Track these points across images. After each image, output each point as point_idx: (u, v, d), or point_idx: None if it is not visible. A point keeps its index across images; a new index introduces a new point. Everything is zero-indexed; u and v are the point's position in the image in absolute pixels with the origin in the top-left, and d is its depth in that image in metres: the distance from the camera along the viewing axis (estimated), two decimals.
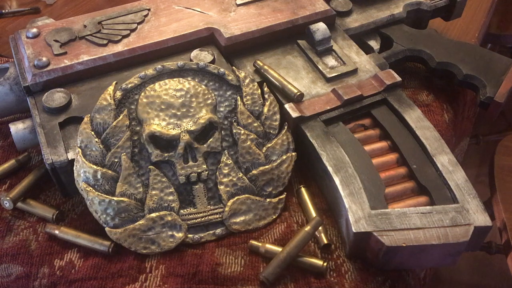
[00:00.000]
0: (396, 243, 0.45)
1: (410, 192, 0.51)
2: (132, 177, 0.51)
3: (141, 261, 0.50)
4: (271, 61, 0.61)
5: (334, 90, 0.57)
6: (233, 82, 0.57)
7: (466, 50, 0.66)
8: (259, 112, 0.56)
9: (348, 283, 0.49)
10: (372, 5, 0.70)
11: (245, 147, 0.54)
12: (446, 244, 0.46)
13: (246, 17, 0.63)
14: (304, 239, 0.49)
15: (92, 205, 0.50)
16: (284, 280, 0.49)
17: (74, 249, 0.51)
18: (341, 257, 0.50)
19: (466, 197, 0.49)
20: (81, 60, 0.57)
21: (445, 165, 0.51)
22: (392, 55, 0.66)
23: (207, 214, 0.52)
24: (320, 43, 0.62)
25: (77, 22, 0.62)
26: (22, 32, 0.60)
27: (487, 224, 0.47)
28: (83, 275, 0.49)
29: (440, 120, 0.65)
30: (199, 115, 0.54)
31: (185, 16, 0.63)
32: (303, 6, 0.65)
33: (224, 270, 0.50)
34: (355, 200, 0.48)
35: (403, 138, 0.54)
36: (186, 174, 0.52)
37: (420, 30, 0.69)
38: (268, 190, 0.54)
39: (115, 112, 0.53)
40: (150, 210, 0.51)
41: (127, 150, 0.52)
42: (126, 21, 0.62)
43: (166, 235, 0.51)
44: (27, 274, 0.50)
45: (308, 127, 0.54)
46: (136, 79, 0.55)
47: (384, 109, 0.57)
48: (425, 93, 0.68)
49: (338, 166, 0.51)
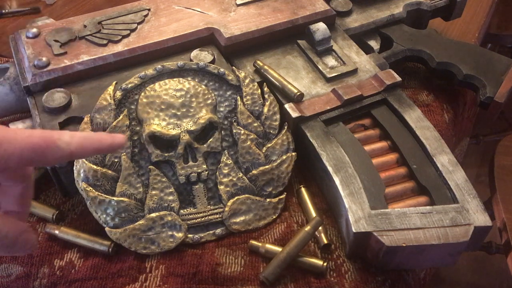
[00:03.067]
0: (396, 243, 0.45)
1: (410, 192, 0.51)
2: (132, 177, 0.51)
3: (141, 261, 0.50)
4: (271, 61, 0.61)
5: (334, 90, 0.57)
6: (233, 82, 0.57)
7: (466, 50, 0.66)
8: (259, 112, 0.56)
9: (348, 283, 0.49)
10: (372, 5, 0.70)
11: (245, 147, 0.54)
12: (446, 244, 0.46)
13: (246, 17, 0.63)
14: (304, 239, 0.49)
15: (92, 205, 0.50)
16: (284, 280, 0.49)
17: (74, 249, 0.51)
18: (341, 257, 0.50)
19: (466, 197, 0.49)
20: (81, 60, 0.57)
21: (445, 165, 0.51)
22: (392, 55, 0.66)
23: (207, 214, 0.52)
24: (320, 43, 0.62)
25: (77, 22, 0.62)
26: (22, 32, 0.60)
27: (487, 224, 0.47)
28: (83, 275, 0.49)
29: (440, 120, 0.65)
30: (199, 115, 0.54)
31: (185, 16, 0.63)
32: (303, 6, 0.65)
33: (224, 270, 0.50)
34: (355, 200, 0.48)
35: (403, 138, 0.54)
36: (186, 174, 0.52)
37: (420, 30, 0.69)
38: (268, 190, 0.54)
39: (115, 112, 0.53)
40: (150, 210, 0.51)
41: (127, 150, 0.52)
42: (126, 21, 0.62)
43: (166, 235, 0.51)
44: (27, 274, 0.50)
45: (308, 127, 0.54)
46: (136, 79, 0.55)
47: (384, 109, 0.57)
48: (425, 93, 0.68)
49: (338, 166, 0.51)
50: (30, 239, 0.34)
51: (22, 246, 0.34)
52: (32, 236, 0.34)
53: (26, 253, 0.37)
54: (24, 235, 0.34)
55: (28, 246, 0.34)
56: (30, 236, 0.34)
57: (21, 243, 0.33)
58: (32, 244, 0.34)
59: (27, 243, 0.34)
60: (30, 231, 0.34)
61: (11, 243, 0.33)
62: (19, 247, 0.33)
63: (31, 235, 0.34)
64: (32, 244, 0.34)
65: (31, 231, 0.35)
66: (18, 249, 0.34)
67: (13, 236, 0.33)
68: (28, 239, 0.34)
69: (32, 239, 0.34)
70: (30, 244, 0.34)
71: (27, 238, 0.34)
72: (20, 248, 0.34)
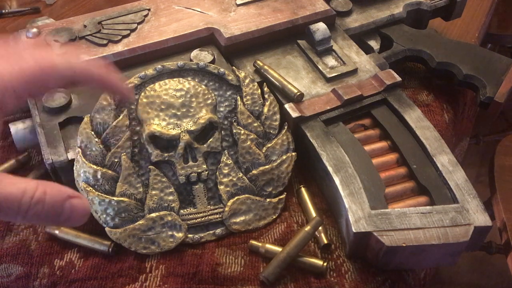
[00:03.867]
0: (396, 243, 0.45)
1: (410, 192, 0.51)
2: (132, 177, 0.51)
3: (141, 261, 0.50)
4: (271, 61, 0.61)
5: (334, 90, 0.57)
6: (233, 82, 0.57)
7: (466, 50, 0.66)
8: (259, 112, 0.56)
9: (348, 283, 0.49)
10: (372, 5, 0.70)
11: (245, 147, 0.54)
12: (446, 244, 0.46)
13: (246, 17, 0.63)
14: (304, 239, 0.49)
15: (92, 205, 0.50)
16: (284, 280, 0.49)
17: (74, 249, 0.51)
18: (341, 257, 0.50)
19: (466, 197, 0.49)
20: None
21: (445, 165, 0.51)
22: (392, 55, 0.66)
23: (207, 214, 0.52)
24: (320, 43, 0.62)
25: (77, 22, 0.62)
26: (22, 32, 0.60)
27: (487, 224, 0.47)
28: (83, 275, 0.49)
29: (440, 120, 0.65)
30: (199, 115, 0.54)
31: (185, 16, 0.63)
32: (303, 6, 0.65)
33: (224, 270, 0.50)
34: (355, 200, 0.48)
35: (403, 138, 0.54)
36: (186, 174, 0.52)
37: (420, 30, 0.69)
38: (268, 190, 0.54)
39: (115, 112, 0.53)
40: (150, 210, 0.51)
41: (127, 150, 0.52)
42: (126, 21, 0.62)
43: (166, 235, 0.51)
44: (27, 274, 0.50)
45: (308, 127, 0.54)
46: (136, 79, 0.55)
47: (384, 109, 0.57)
48: (425, 93, 0.68)
49: (338, 166, 0.51)
50: (79, 206, 0.30)
51: (70, 215, 0.30)
52: (80, 202, 0.30)
53: (78, 223, 0.31)
54: (70, 202, 0.30)
55: (78, 214, 0.30)
56: (78, 202, 0.30)
57: (67, 212, 0.30)
58: (83, 212, 0.30)
59: (75, 210, 0.30)
60: (78, 196, 0.30)
61: (56, 212, 0.29)
62: (66, 216, 0.30)
63: (78, 201, 0.30)
64: (83, 211, 0.30)
65: (79, 196, 0.31)
66: (65, 219, 0.30)
67: (56, 203, 0.29)
68: (75, 205, 0.30)
69: (82, 205, 0.30)
70: (80, 212, 0.30)
71: (73, 205, 0.30)
72: (68, 218, 0.30)
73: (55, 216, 0.30)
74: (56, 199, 0.30)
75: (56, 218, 0.30)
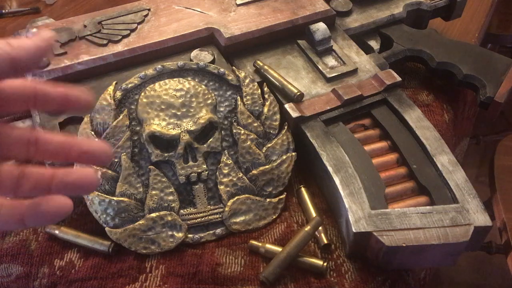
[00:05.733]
0: (396, 243, 0.45)
1: (410, 192, 0.51)
2: (132, 177, 0.51)
3: (141, 261, 0.50)
4: (271, 61, 0.61)
5: (334, 90, 0.57)
6: (233, 82, 0.57)
7: (466, 50, 0.66)
8: (259, 112, 0.56)
9: (348, 283, 0.49)
10: (372, 5, 0.70)
11: (245, 147, 0.54)
12: (446, 244, 0.46)
13: (246, 17, 0.63)
14: (304, 239, 0.49)
15: (92, 205, 0.50)
16: (284, 280, 0.49)
17: (74, 249, 0.51)
18: (341, 257, 0.50)
19: (466, 197, 0.49)
20: (81, 60, 0.57)
21: (445, 165, 0.51)
22: (392, 55, 0.66)
23: (207, 214, 0.52)
24: (320, 43, 0.62)
25: (77, 22, 0.62)
26: (22, 32, 0.60)
27: (487, 224, 0.47)
28: (83, 275, 0.49)
29: (440, 120, 0.65)
30: (199, 115, 0.54)
31: (185, 16, 0.63)
32: (303, 6, 0.65)
33: (224, 270, 0.50)
34: (355, 200, 0.48)
35: (403, 138, 0.54)
36: (186, 174, 0.52)
37: (420, 30, 0.69)
38: (268, 190, 0.54)
39: (115, 112, 0.53)
40: (150, 210, 0.51)
41: (127, 150, 0.52)
42: (126, 21, 0.62)
43: (166, 235, 0.51)
44: (27, 274, 0.50)
45: (308, 127, 0.54)
46: (136, 79, 0.55)
47: (384, 109, 0.57)
48: (425, 93, 0.68)
49: (338, 166, 0.51)
50: (56, 203, 0.30)
51: (51, 212, 0.30)
52: (56, 200, 0.30)
53: (60, 219, 0.31)
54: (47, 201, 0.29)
55: (58, 210, 0.30)
56: (56, 200, 0.30)
57: (46, 209, 0.29)
58: (62, 208, 0.30)
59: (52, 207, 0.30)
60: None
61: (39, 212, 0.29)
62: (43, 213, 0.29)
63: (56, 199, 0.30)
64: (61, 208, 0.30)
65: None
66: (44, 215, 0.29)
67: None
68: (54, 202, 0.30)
69: (59, 202, 0.30)
70: (58, 207, 0.30)
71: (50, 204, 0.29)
72: (48, 214, 0.30)
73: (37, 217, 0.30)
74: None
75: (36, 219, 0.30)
